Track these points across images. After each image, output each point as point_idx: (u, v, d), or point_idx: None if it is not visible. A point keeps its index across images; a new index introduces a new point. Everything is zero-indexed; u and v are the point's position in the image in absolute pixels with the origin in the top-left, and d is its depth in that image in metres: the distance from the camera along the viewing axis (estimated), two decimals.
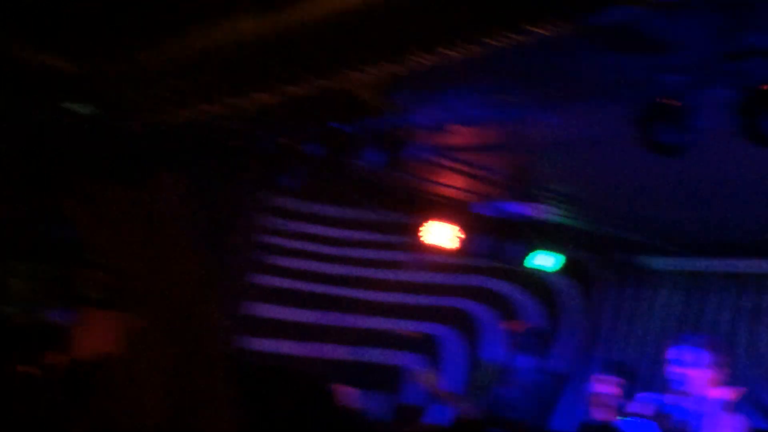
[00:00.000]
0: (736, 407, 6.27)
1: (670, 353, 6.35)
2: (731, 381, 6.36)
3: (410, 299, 10.06)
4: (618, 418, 6.72)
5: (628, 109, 4.86)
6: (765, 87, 4.30)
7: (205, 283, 1.33)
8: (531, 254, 9.42)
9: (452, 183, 8.15)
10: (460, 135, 7.07)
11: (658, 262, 10.42)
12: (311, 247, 9.21)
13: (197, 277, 1.32)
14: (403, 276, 9.94)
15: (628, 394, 7.54)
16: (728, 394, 6.24)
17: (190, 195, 7.90)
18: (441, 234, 9.10)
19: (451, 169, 7.79)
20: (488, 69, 5.33)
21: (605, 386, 7.66)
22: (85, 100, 5.18)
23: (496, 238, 9.20)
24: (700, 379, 6.25)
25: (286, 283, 9.06)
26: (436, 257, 9.88)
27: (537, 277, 10.46)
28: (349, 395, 8.24)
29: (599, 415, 7.48)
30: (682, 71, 4.63)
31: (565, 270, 10.59)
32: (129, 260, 1.31)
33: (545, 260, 9.53)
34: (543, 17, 3.29)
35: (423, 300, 10.17)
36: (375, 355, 9.78)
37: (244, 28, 4.35)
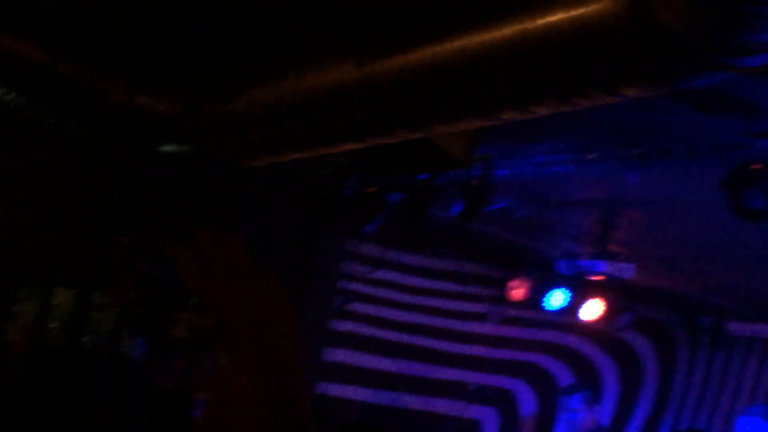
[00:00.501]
0: None
1: (738, 426, 6.25)
2: None
3: (487, 352, 10.02)
4: None
5: (716, 172, 4.85)
6: None
7: (292, 326, 1.37)
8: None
9: (535, 237, 8.15)
10: (543, 189, 7.09)
11: (735, 327, 10.25)
12: (391, 294, 9.23)
13: (286, 320, 1.36)
14: (481, 328, 9.91)
15: None
16: None
17: (276, 239, 8.01)
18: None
19: (534, 224, 7.80)
20: (576, 125, 5.36)
21: None
22: (180, 141, 5.27)
23: (576, 295, 9.13)
24: None
25: (363, 329, 9.09)
26: (514, 311, 9.85)
27: (613, 335, 10.35)
28: None
29: None
30: None
31: (642, 329, 10.48)
32: (220, 301, 1.36)
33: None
34: (635, 80, 3.30)
35: (499, 353, 10.13)
36: (447, 406, 9.74)
37: (338, 77, 4.40)
